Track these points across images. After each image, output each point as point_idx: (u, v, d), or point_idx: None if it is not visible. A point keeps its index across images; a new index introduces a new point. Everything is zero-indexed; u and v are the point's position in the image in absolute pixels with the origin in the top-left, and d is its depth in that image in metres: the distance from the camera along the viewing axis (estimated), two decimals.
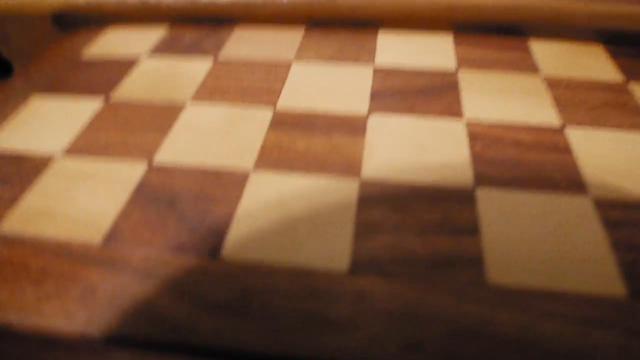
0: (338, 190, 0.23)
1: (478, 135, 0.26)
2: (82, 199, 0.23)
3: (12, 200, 0.23)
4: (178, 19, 0.37)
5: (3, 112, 0.28)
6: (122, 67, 0.32)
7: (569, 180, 0.23)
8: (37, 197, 0.23)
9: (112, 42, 0.35)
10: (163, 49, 0.34)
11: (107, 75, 0.31)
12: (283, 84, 0.30)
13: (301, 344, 0.17)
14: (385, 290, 0.18)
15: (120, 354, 0.18)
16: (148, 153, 0.25)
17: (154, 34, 0.36)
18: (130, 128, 0.27)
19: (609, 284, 0.19)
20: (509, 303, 0.18)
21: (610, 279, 0.19)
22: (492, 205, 0.22)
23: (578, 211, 0.22)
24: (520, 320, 0.17)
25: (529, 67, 0.32)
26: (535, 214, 0.22)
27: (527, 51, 0.34)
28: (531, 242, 0.20)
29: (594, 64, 0.33)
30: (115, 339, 0.17)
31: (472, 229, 0.21)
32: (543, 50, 0.34)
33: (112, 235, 0.21)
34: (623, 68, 0.32)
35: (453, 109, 0.28)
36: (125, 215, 0.22)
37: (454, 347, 0.17)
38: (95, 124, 0.27)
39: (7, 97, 0.30)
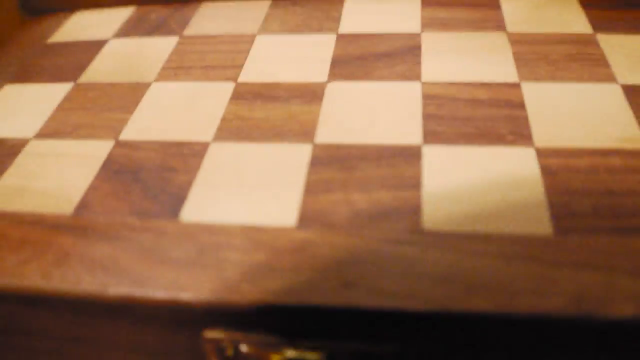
0: (292, 155, 0.27)
1: (434, 96, 0.29)
2: (54, 176, 0.27)
3: None
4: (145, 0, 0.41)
5: None
6: (89, 49, 0.36)
7: (516, 134, 0.27)
8: (13, 176, 0.27)
9: (79, 25, 0.39)
10: (129, 29, 0.38)
11: (75, 59, 0.36)
12: (246, 57, 0.34)
13: (249, 289, 0.21)
14: (327, 240, 0.22)
15: (91, 308, 0.22)
16: (114, 131, 0.29)
17: (121, 15, 0.40)
18: (98, 108, 0.31)
19: (538, 225, 0.22)
20: (440, 245, 0.22)
21: (539, 220, 0.23)
22: (436, 160, 0.26)
23: (520, 161, 0.25)
24: (448, 259, 0.21)
25: (496, 24, 0.35)
26: (478, 166, 0.25)
27: (496, 8, 0.37)
28: (469, 192, 0.24)
29: (564, 17, 0.35)
30: (87, 294, 0.22)
31: (415, 183, 0.25)
32: (513, 7, 0.37)
33: (82, 206, 0.25)
34: (594, 19, 0.35)
35: (412, 72, 0.31)
36: (93, 188, 0.26)
37: (386, 284, 0.21)
38: (64, 106, 0.32)
39: None
